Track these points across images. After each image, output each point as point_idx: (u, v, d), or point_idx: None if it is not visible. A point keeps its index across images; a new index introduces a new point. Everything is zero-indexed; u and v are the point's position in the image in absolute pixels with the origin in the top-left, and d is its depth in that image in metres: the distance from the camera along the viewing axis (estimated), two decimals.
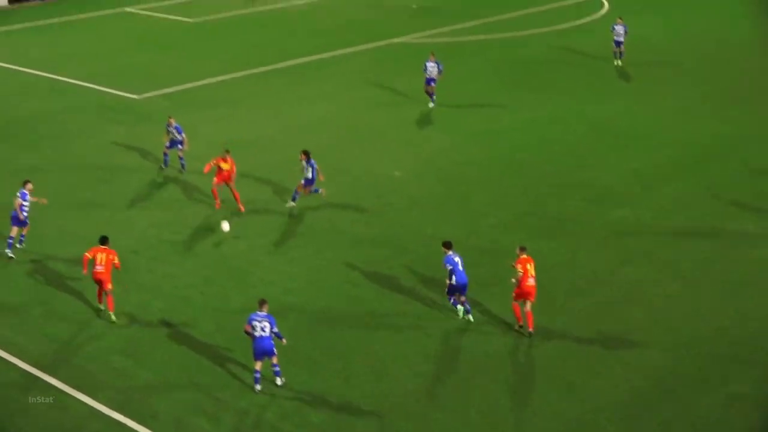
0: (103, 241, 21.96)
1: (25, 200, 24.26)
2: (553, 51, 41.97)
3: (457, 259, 20.82)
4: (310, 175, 26.45)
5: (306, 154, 26.48)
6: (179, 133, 29.31)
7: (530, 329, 20.41)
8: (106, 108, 35.93)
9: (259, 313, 18.61)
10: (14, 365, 19.53)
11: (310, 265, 23.49)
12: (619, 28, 39.32)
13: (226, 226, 25.11)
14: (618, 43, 39.40)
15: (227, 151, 26.92)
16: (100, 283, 21.52)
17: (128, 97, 37.00)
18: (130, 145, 31.97)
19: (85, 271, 21.48)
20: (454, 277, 20.64)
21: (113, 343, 20.33)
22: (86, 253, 21.56)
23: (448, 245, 21.09)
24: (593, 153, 30.61)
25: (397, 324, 20.91)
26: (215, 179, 26.69)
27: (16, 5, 54.41)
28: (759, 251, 24.00)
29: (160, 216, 26.60)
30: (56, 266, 23.73)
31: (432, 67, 34.46)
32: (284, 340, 18.79)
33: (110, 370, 19.33)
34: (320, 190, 26.71)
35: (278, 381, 18.75)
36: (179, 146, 29.38)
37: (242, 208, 26.69)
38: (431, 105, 35.07)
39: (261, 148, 31.39)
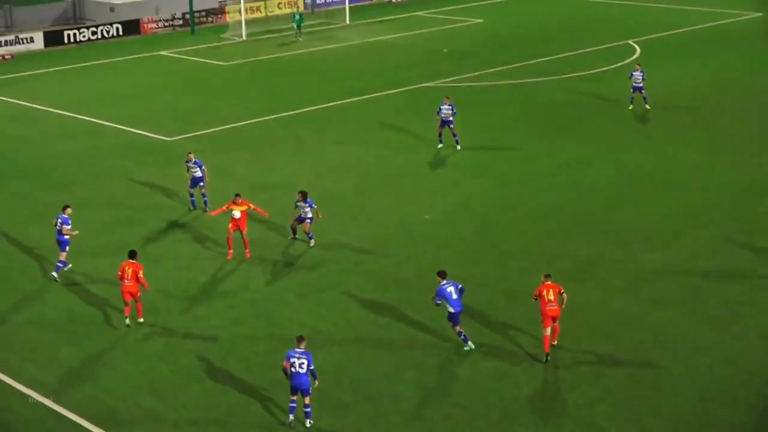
0: (132, 255, 23.03)
1: (67, 224, 25.31)
2: (584, 96, 41.98)
3: (450, 288, 21.13)
4: (309, 216, 26.70)
5: (303, 194, 26.78)
6: (199, 167, 29.47)
7: (546, 351, 20.64)
8: (138, 149, 36.27)
9: (297, 349, 18.69)
10: (40, 403, 19.61)
11: (338, 307, 23.49)
12: (638, 75, 39.41)
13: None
14: (638, 89, 39.43)
15: (238, 195, 26.71)
16: (130, 295, 22.52)
17: (160, 139, 37.33)
18: (161, 186, 32.23)
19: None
20: (449, 307, 21.03)
21: (141, 382, 20.37)
22: (119, 272, 22.72)
23: (442, 275, 21.60)
24: (624, 197, 30.51)
25: (426, 366, 20.83)
26: (230, 226, 26.48)
27: (53, 48, 55.17)
28: None
29: (190, 256, 26.72)
30: (85, 306, 23.84)
31: (447, 110, 34.55)
32: (317, 382, 18.80)
33: (138, 409, 19.35)
34: (311, 241, 26.85)
35: (307, 423, 18.70)
36: (201, 183, 29.55)
37: (248, 254, 26.50)
38: (440, 146, 35.34)
39: (290, 190, 31.39)
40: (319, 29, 59.16)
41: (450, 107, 34.50)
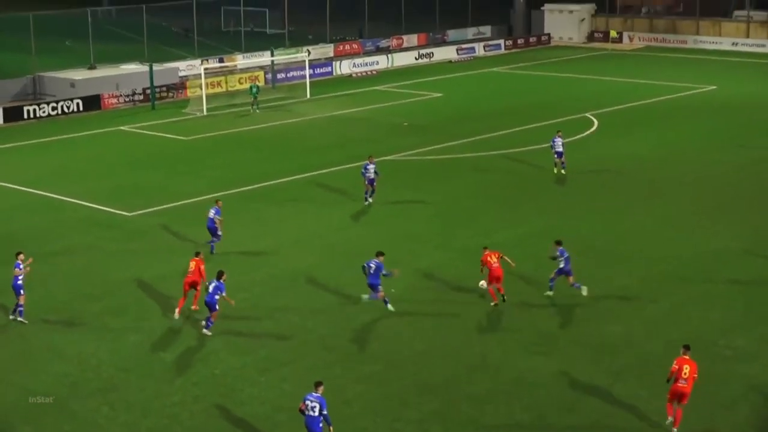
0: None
1: (18, 268, 26.95)
2: (542, 168, 42.43)
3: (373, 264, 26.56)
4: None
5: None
6: (217, 214, 31.69)
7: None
8: (97, 225, 36.12)
9: (313, 393, 19.67)
10: None
11: (301, 383, 23.30)
12: (558, 141, 41.07)
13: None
14: (559, 155, 41.03)
15: (198, 254, 27.75)
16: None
17: (120, 215, 37.21)
18: (121, 261, 32.08)
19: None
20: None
21: None
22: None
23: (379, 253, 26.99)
24: (582, 268, 30.64)
25: None
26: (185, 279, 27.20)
27: (12, 123, 55.04)
28: (748, 367, 23.99)
29: (151, 332, 26.50)
30: (37, 385, 23.54)
31: (371, 168, 36.97)
32: (331, 428, 19.41)
33: None
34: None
35: None
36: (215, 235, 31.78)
37: (195, 307, 27.34)
38: (367, 203, 37.39)
39: (251, 264, 31.51)
40: (280, 104, 59.54)
41: (374, 165, 36.95)
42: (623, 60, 77.96)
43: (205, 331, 26.14)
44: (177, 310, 27.10)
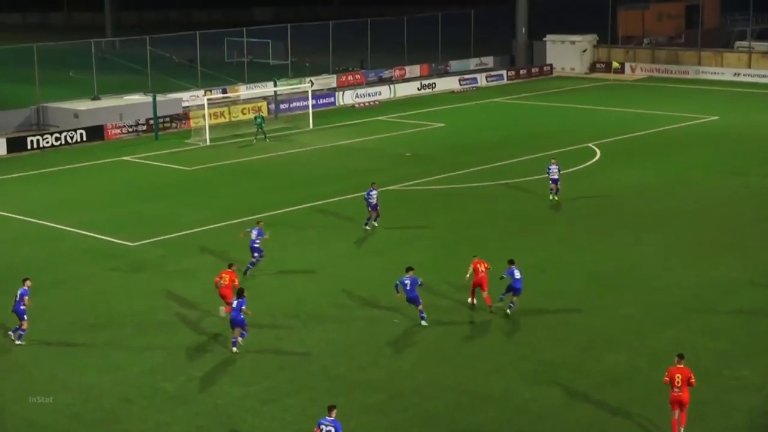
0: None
1: (26, 295, 27.62)
2: (545, 198, 42.41)
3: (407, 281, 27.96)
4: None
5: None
6: (260, 234, 32.89)
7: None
8: (101, 255, 36.10)
9: (327, 417, 19.88)
10: None
11: (304, 414, 23.27)
12: (554, 168, 41.71)
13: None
14: (555, 181, 41.67)
15: (231, 266, 29.90)
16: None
17: (123, 245, 37.21)
18: (124, 291, 32.07)
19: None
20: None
21: None
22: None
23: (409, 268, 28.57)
24: (586, 299, 30.68)
25: None
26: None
27: (16, 154, 55.17)
28: (753, 397, 23.88)
29: (153, 362, 26.44)
30: (39, 415, 23.44)
31: (374, 194, 37.74)
32: None
33: None
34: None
35: None
36: (256, 255, 32.32)
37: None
38: (367, 228, 38.06)
39: (253, 295, 31.40)
40: (283, 134, 59.66)
41: (376, 192, 38.12)
42: (625, 90, 78.13)
43: (234, 349, 26.75)
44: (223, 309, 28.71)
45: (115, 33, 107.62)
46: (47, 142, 56.81)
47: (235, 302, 26.81)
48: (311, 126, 61.80)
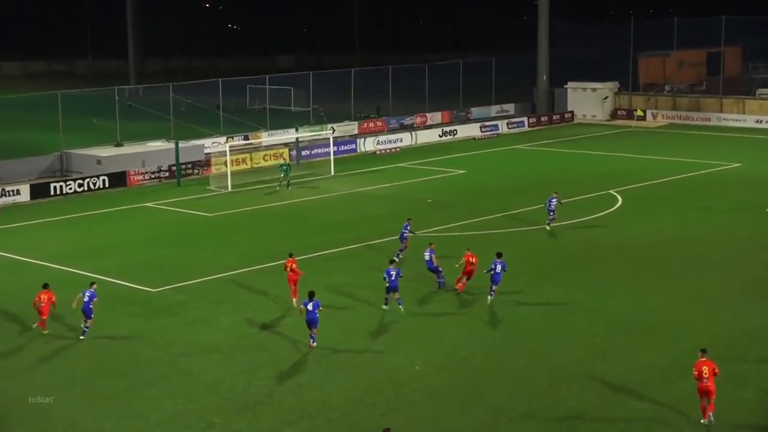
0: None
1: (95, 297, 31.84)
2: (568, 243, 42.26)
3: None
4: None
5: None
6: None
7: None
8: (122, 301, 36.08)
9: None
10: None
11: None
12: (554, 201, 44.65)
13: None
14: (551, 212, 44.54)
15: (291, 255, 35.31)
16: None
17: (144, 291, 37.20)
18: (146, 337, 32.00)
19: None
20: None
21: None
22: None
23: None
24: (610, 345, 30.42)
25: None
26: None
27: (39, 200, 55.48)
28: None
29: (173, 410, 26.29)
30: None
31: (408, 228, 40.10)
32: None
33: None
34: None
35: None
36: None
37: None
38: (398, 258, 38.80)
39: (276, 341, 31.35)
40: (304, 180, 59.78)
41: (410, 225, 39.97)
42: (647, 137, 78.05)
43: (313, 344, 30.21)
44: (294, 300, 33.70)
45: (139, 80, 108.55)
46: (70, 189, 57.11)
47: (310, 304, 30.03)
48: (332, 172, 61.92)
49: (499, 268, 34.13)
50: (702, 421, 24.64)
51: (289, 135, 70.34)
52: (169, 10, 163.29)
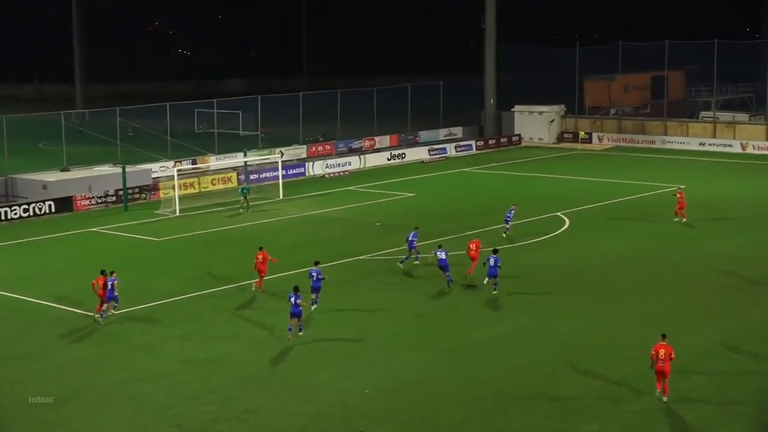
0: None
1: (116, 281, 35.49)
2: (517, 267, 42.47)
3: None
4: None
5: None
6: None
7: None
8: (68, 327, 35.64)
9: None
10: None
11: None
12: (512, 212, 48.24)
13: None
14: (507, 221, 48.26)
15: (261, 248, 39.18)
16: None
17: (90, 316, 36.75)
18: (91, 364, 31.61)
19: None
20: None
21: None
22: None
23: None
24: (561, 367, 30.56)
25: None
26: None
27: None
28: None
29: None
30: None
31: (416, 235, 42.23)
32: None
33: None
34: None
35: None
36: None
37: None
38: (400, 265, 42.15)
39: (223, 366, 31.12)
40: (253, 204, 59.55)
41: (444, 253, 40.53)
42: (593, 160, 78.89)
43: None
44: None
45: (86, 105, 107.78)
46: (15, 214, 56.42)
47: (293, 297, 32.65)
48: (281, 196, 61.83)
49: (492, 261, 37.87)
50: (657, 395, 27.50)
51: (238, 159, 70.15)
52: (116, 34, 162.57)
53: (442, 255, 39.10)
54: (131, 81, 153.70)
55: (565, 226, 51.01)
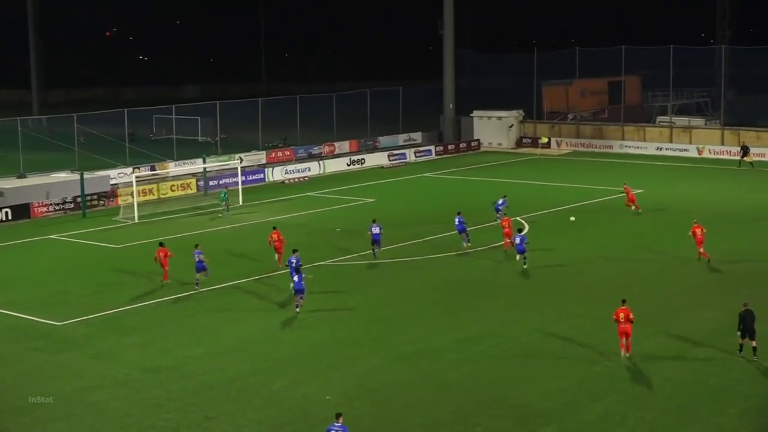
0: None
1: (201, 254, 40.29)
2: (479, 271, 42.68)
3: None
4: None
5: None
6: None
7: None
8: (26, 335, 35.36)
9: (335, 424, 22.81)
10: None
11: None
12: (501, 202, 52.65)
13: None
14: (497, 210, 52.41)
15: (275, 228, 44.33)
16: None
17: (49, 324, 36.49)
18: (50, 372, 31.37)
19: None
20: None
21: None
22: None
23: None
24: (521, 372, 30.72)
25: None
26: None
27: None
28: None
29: None
30: None
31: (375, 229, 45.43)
32: None
33: None
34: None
35: None
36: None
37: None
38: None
39: (184, 373, 30.98)
40: (213, 210, 59.35)
41: (379, 228, 45.49)
42: (552, 165, 79.39)
43: (297, 309, 36.66)
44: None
45: (42, 110, 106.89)
46: None
47: (296, 276, 36.54)
48: (241, 202, 61.65)
49: (518, 240, 43.04)
50: (622, 355, 31.28)
51: (197, 165, 69.85)
52: (72, 40, 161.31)
53: (456, 221, 46.69)
54: (88, 87, 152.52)
55: (524, 231, 51.23)
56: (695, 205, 58.33)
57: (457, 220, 47.38)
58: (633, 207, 55.25)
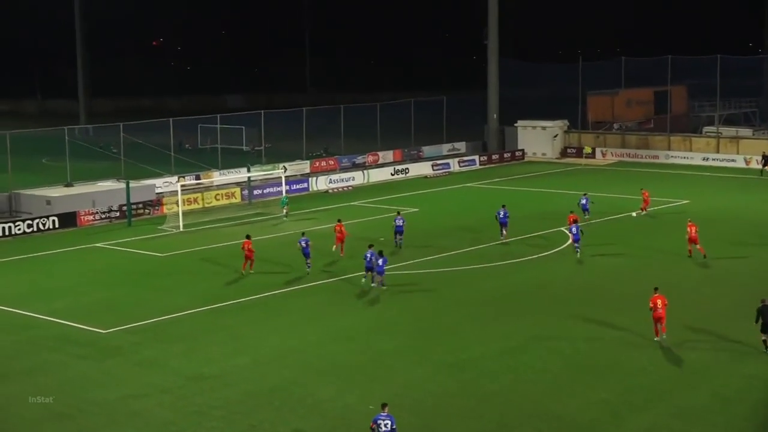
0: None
1: (306, 242, 44.47)
2: (520, 282, 42.47)
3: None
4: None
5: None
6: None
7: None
8: (72, 343, 35.65)
9: (382, 414, 23.63)
10: None
11: None
12: (585, 200, 55.65)
13: None
14: (585, 209, 55.49)
15: (339, 220, 48.23)
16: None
17: (94, 332, 36.79)
18: (96, 379, 31.60)
19: None
20: None
21: None
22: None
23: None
24: (563, 383, 30.52)
25: None
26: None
27: None
28: None
29: None
30: None
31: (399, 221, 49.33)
32: None
33: None
34: None
35: None
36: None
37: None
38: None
39: (227, 382, 31.09)
40: (257, 219, 59.58)
41: (402, 220, 49.11)
42: (597, 175, 78.89)
43: (384, 287, 40.52)
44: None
45: (89, 120, 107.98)
46: (19, 229, 56.46)
47: (380, 260, 40.57)
48: (285, 211, 61.80)
49: (575, 230, 46.66)
50: (655, 339, 33.43)
51: (241, 174, 70.19)
52: (119, 50, 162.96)
53: (501, 213, 50.28)
54: (133, 96, 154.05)
55: (569, 242, 50.91)
56: (741, 216, 57.67)
57: (501, 212, 50.71)
58: (643, 211, 57.86)
